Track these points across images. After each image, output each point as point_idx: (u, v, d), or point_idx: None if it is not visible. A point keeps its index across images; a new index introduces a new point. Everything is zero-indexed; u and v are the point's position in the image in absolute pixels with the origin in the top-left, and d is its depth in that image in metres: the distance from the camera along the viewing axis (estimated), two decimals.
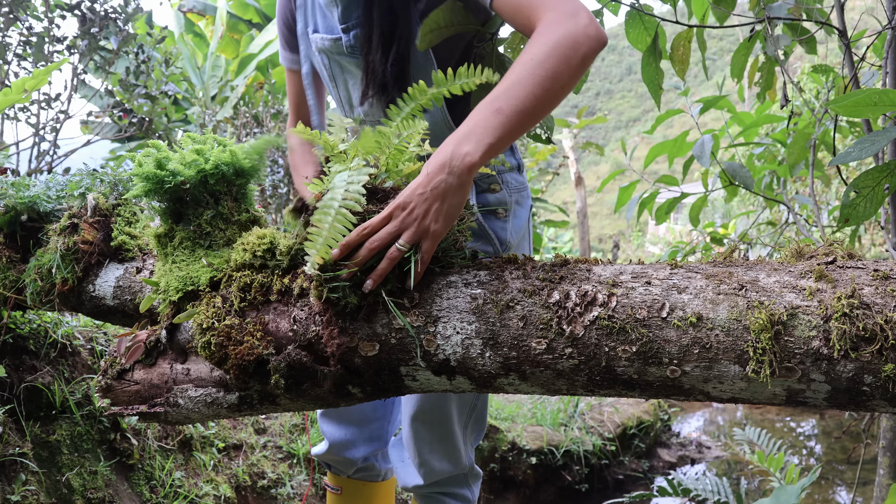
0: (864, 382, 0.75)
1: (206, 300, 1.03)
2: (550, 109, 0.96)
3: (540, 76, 0.92)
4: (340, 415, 1.54)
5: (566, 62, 0.92)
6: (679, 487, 2.17)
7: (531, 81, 0.92)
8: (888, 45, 1.37)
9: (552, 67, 0.92)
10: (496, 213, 1.33)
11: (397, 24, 1.18)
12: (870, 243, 5.35)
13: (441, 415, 1.39)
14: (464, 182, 0.89)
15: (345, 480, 1.62)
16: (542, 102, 0.92)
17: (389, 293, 0.91)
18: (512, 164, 1.36)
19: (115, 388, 1.12)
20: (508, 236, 1.33)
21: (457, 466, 1.46)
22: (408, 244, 0.89)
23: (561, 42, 0.93)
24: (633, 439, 4.03)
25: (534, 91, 0.91)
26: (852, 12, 8.00)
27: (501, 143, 0.91)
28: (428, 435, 1.41)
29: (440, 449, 1.42)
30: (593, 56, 0.96)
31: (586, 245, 8.09)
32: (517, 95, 0.91)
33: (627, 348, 0.82)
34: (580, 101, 37.56)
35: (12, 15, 2.74)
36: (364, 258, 0.89)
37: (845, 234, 3.50)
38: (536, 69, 0.92)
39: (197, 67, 7.48)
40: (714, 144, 1.91)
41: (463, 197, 0.90)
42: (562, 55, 0.92)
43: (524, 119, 0.92)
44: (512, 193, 1.35)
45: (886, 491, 1.81)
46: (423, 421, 1.40)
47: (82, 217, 1.37)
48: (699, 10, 1.67)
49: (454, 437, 1.42)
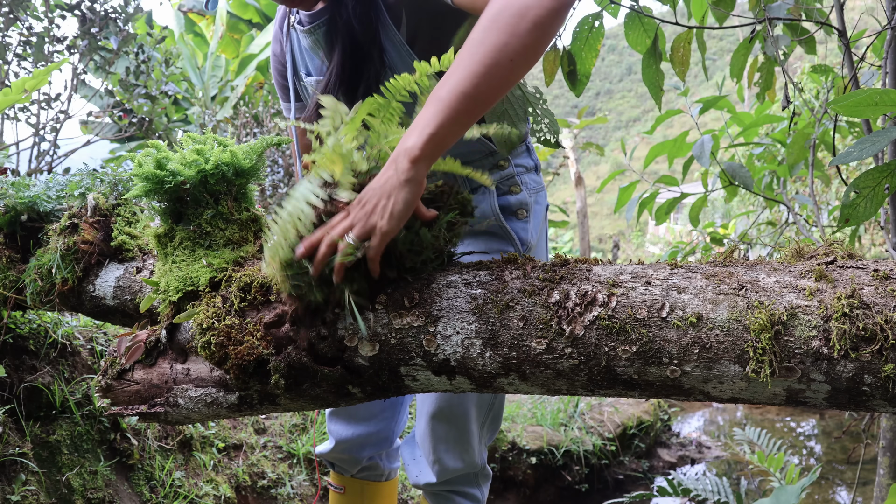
0: (864, 382, 0.75)
1: (206, 300, 1.03)
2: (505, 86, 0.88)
3: (480, 53, 0.84)
4: (349, 414, 1.54)
5: (511, 31, 0.84)
6: (679, 487, 2.17)
7: (470, 61, 0.84)
8: (888, 45, 1.37)
9: (494, 41, 0.84)
10: (517, 215, 1.33)
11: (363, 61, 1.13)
12: (870, 243, 5.35)
13: (460, 413, 1.38)
14: (409, 178, 0.85)
15: (348, 480, 1.62)
16: (488, 80, 0.85)
17: (356, 293, 0.91)
18: (529, 165, 1.37)
19: (115, 388, 1.12)
20: (529, 237, 1.34)
21: (470, 465, 1.46)
22: (356, 239, 0.86)
23: (502, 11, 0.85)
24: (633, 439, 4.03)
25: (474, 70, 0.84)
26: (852, 12, 7.99)
27: (446, 131, 0.85)
28: (445, 433, 1.40)
29: (456, 448, 1.42)
30: (550, 18, 0.85)
31: (586, 245, 8.09)
32: (457, 78, 0.85)
33: (627, 348, 0.82)
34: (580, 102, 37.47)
35: (12, 15, 2.74)
36: (323, 253, 0.88)
37: (845, 234, 3.50)
38: (476, 47, 0.85)
39: (197, 67, 7.48)
40: (714, 144, 1.91)
41: (411, 193, 0.85)
42: (504, 25, 0.84)
43: (469, 103, 0.85)
44: (531, 194, 1.36)
45: (886, 491, 1.81)
46: (441, 419, 1.39)
47: (82, 217, 1.37)
48: (698, 11, 1.67)
49: (471, 435, 1.41)
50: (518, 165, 1.35)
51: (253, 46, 7.65)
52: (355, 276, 0.90)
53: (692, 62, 1.70)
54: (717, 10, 1.60)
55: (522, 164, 1.36)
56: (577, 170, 8.05)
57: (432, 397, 1.40)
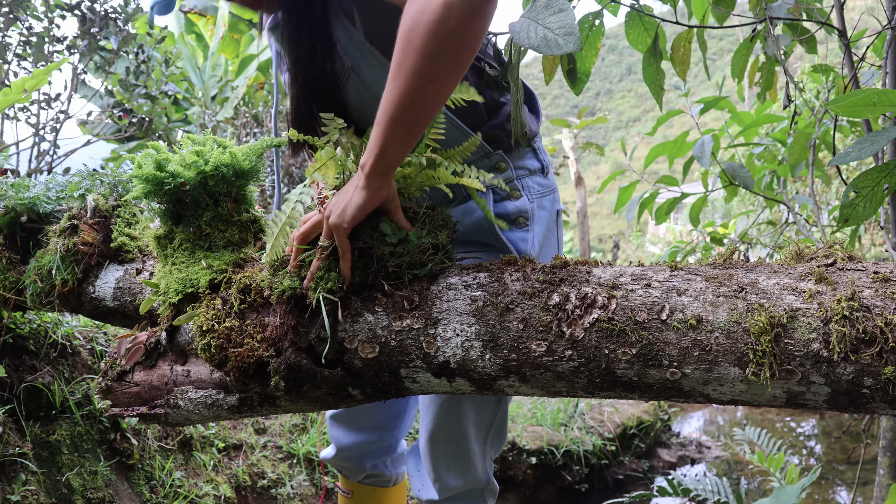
0: (864, 385, 0.74)
1: (205, 302, 1.03)
2: (434, 103, 0.86)
3: (401, 78, 0.83)
4: (350, 421, 1.52)
5: (424, 52, 0.80)
6: (679, 487, 2.17)
7: (395, 86, 0.84)
8: (888, 45, 1.37)
9: (411, 66, 0.82)
10: (517, 223, 1.23)
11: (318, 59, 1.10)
12: (870, 243, 5.35)
13: (457, 433, 1.34)
14: (363, 187, 0.92)
15: (355, 485, 1.61)
16: (414, 103, 0.85)
17: (330, 291, 0.94)
18: (533, 168, 1.26)
19: (115, 390, 1.12)
20: (529, 247, 1.22)
21: (472, 482, 1.42)
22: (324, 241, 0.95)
23: (413, 29, 0.81)
24: (633, 439, 4.03)
25: (399, 97, 0.84)
26: (852, 12, 8.00)
27: (390, 151, 0.88)
28: (444, 452, 1.37)
29: (456, 467, 1.38)
30: (464, 28, 0.80)
31: (586, 245, 8.09)
32: (386, 104, 0.86)
33: (627, 350, 0.82)
34: (580, 102, 37.49)
35: (12, 15, 2.74)
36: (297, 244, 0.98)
37: (845, 234, 3.50)
38: (397, 71, 0.83)
39: (197, 67, 7.48)
40: (714, 144, 1.91)
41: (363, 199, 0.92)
42: (417, 46, 0.80)
43: (401, 126, 0.86)
44: (534, 199, 1.25)
45: (886, 491, 1.81)
46: (439, 439, 1.35)
47: (82, 218, 1.37)
48: (699, 11, 1.67)
49: (470, 454, 1.37)
50: (519, 168, 1.24)
51: (253, 47, 7.65)
52: (330, 277, 0.94)
53: (693, 61, 1.70)
54: (718, 9, 1.59)
55: (525, 166, 1.25)
56: (577, 170, 8.05)
57: (429, 417, 1.35)
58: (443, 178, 1.01)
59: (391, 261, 0.94)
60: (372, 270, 0.94)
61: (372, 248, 0.94)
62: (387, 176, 0.92)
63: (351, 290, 0.95)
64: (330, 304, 0.94)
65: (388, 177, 0.93)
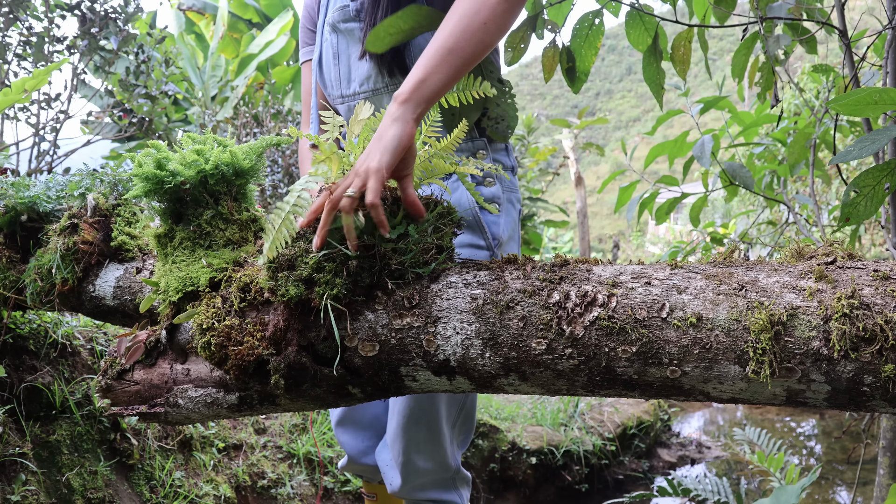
0: (864, 383, 0.74)
1: (205, 300, 1.03)
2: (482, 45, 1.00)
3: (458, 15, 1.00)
4: (355, 423, 1.53)
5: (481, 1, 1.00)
6: (679, 487, 2.17)
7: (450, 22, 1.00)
8: (888, 45, 1.37)
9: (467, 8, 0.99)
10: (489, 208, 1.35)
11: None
12: (870, 243, 5.35)
13: (430, 412, 1.36)
14: (396, 117, 0.93)
15: (377, 486, 1.61)
16: (466, 38, 0.99)
17: (335, 298, 0.92)
18: (507, 164, 1.39)
19: (115, 389, 1.12)
20: (501, 232, 1.34)
21: (442, 467, 1.42)
22: (355, 190, 0.90)
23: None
24: (633, 439, 4.03)
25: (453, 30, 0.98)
26: (852, 12, 7.99)
27: (432, 79, 0.96)
28: (415, 433, 1.37)
29: (426, 447, 1.39)
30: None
31: (586, 245, 8.09)
32: (441, 37, 0.99)
33: (627, 349, 0.82)
34: (580, 101, 37.52)
35: (12, 15, 2.74)
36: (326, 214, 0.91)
37: (845, 233, 3.50)
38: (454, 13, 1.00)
39: (197, 67, 7.48)
40: (714, 144, 1.91)
41: (400, 130, 0.93)
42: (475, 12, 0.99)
43: (451, 56, 0.97)
44: (505, 191, 1.37)
45: (886, 491, 1.81)
46: (412, 420, 1.37)
47: (82, 217, 1.37)
48: (700, 10, 1.67)
49: (442, 436, 1.39)
50: (496, 160, 1.35)
51: (253, 46, 7.65)
52: (336, 282, 0.92)
53: (693, 61, 1.70)
54: (718, 9, 1.59)
55: (500, 160, 1.36)
56: (577, 170, 8.05)
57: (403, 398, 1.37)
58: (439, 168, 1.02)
59: (394, 258, 0.94)
60: (376, 269, 0.94)
61: (374, 247, 0.94)
62: (420, 107, 0.95)
63: (359, 293, 0.94)
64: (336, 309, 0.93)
65: (421, 108, 0.96)
